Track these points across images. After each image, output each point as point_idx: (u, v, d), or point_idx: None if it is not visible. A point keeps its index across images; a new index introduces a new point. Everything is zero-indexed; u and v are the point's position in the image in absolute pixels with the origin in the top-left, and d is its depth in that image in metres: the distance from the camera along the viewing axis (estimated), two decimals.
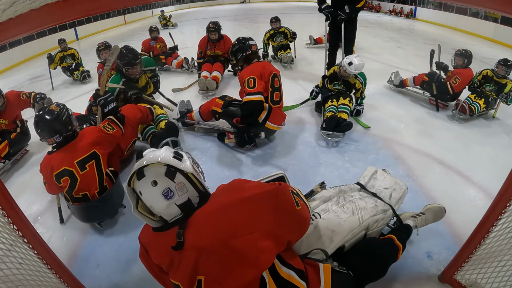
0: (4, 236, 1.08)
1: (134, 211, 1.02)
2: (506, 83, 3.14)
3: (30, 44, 8.05)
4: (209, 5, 19.61)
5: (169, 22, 10.86)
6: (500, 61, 3.20)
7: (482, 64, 5.19)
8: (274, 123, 2.52)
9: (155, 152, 1.03)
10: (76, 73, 5.03)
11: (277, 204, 1.01)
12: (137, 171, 0.99)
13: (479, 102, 3.17)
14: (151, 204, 0.99)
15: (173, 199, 0.97)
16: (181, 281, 0.98)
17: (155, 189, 0.97)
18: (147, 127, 2.70)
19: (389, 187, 1.71)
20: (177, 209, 0.99)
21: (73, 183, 1.81)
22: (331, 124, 2.75)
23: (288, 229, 1.04)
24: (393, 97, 3.83)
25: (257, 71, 2.46)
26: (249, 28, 9.57)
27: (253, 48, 2.59)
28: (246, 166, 2.51)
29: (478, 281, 1.36)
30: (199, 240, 0.95)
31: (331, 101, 3.04)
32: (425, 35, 7.95)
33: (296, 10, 13.87)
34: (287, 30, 5.15)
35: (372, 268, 1.27)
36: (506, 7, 0.89)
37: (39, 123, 1.79)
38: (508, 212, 1.17)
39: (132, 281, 1.63)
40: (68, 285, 1.36)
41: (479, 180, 2.29)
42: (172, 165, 0.98)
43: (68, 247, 1.87)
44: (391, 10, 12.28)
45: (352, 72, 2.91)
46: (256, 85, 2.40)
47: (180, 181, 0.98)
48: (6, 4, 0.69)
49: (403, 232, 1.51)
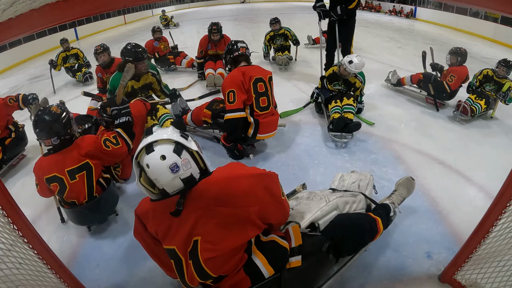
0: (4, 236, 1.08)
1: (137, 183, 1.11)
2: (506, 83, 3.14)
3: (30, 44, 8.05)
4: (209, 5, 19.61)
5: (170, 22, 10.83)
6: (500, 62, 3.20)
7: (482, 64, 5.19)
8: (265, 133, 2.48)
9: (164, 130, 1.12)
10: (78, 74, 4.97)
11: (267, 186, 1.15)
12: (146, 145, 1.06)
13: (480, 103, 3.15)
14: (157, 177, 1.06)
15: (178, 173, 1.05)
16: (177, 244, 1.08)
17: (163, 163, 1.04)
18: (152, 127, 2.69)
19: (356, 180, 1.82)
20: (181, 183, 1.07)
21: (62, 190, 1.80)
22: (340, 125, 2.72)
23: (272, 213, 1.16)
24: (393, 97, 3.83)
25: (237, 80, 2.37)
26: (249, 28, 9.56)
27: (242, 51, 2.51)
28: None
29: (478, 281, 1.36)
30: (200, 204, 1.05)
31: (334, 102, 2.99)
32: (425, 35, 7.95)
33: (296, 10, 13.86)
34: (288, 31, 5.05)
35: (346, 234, 1.34)
36: (506, 7, 0.89)
37: (38, 123, 1.78)
38: (508, 212, 1.17)
39: (132, 281, 1.63)
40: (68, 285, 1.36)
41: (479, 180, 2.29)
42: (180, 143, 1.08)
43: (68, 247, 1.87)
44: (391, 10, 12.26)
45: (352, 71, 2.89)
46: (235, 99, 2.34)
47: (185, 158, 1.07)
48: (6, 4, 0.69)
49: (380, 209, 1.59)
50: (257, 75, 2.43)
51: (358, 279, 1.57)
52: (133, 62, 2.66)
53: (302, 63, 5.27)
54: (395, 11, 12.03)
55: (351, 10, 3.51)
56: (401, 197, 1.78)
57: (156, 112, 2.87)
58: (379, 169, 2.41)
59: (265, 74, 2.50)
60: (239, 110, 2.36)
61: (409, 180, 1.86)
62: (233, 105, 2.35)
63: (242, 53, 2.51)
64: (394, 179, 2.29)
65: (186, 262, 1.09)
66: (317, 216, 1.41)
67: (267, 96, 2.47)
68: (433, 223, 1.91)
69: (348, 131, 2.73)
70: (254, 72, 2.44)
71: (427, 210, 2.01)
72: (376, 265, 1.64)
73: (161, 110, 2.88)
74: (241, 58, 2.52)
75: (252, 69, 2.48)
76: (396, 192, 1.82)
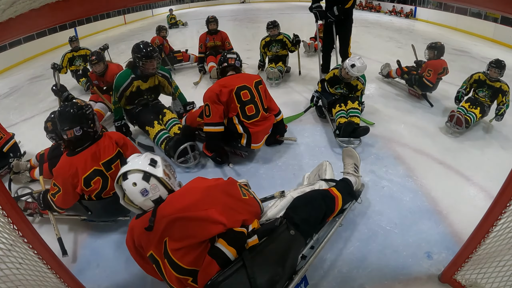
0: (4, 236, 1.08)
1: (122, 202, 1.41)
2: (501, 86, 2.90)
3: (30, 44, 8.05)
4: (209, 5, 19.61)
5: (178, 21, 10.75)
6: (491, 63, 2.91)
7: (482, 64, 5.18)
8: (258, 142, 2.42)
9: (137, 159, 1.38)
10: (82, 80, 4.33)
11: (224, 190, 1.37)
12: (122, 174, 1.34)
13: (475, 112, 2.91)
14: (132, 199, 1.34)
15: (148, 196, 1.31)
16: (153, 249, 1.25)
17: (135, 188, 1.30)
18: (159, 132, 2.61)
19: (316, 172, 1.99)
20: (151, 203, 1.33)
21: (105, 183, 1.80)
22: (348, 130, 2.65)
23: (238, 212, 1.34)
24: (393, 97, 3.83)
25: (213, 94, 2.31)
26: (249, 28, 9.57)
27: (230, 61, 2.50)
28: (246, 166, 2.51)
29: (478, 281, 1.36)
30: (167, 212, 1.25)
31: (339, 106, 2.92)
32: (425, 35, 7.95)
33: (297, 10, 13.86)
34: (286, 38, 4.28)
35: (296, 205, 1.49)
36: (506, 7, 0.89)
37: (62, 113, 1.77)
38: (508, 212, 1.17)
39: (132, 281, 1.63)
40: (68, 285, 1.36)
41: (479, 180, 2.29)
42: (147, 172, 1.32)
43: (68, 247, 1.87)
44: (391, 10, 12.27)
45: (354, 74, 2.82)
46: (211, 113, 2.32)
47: (153, 183, 1.32)
48: (6, 4, 0.69)
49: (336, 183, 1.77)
50: (239, 84, 2.36)
51: (358, 279, 1.58)
52: (141, 59, 2.56)
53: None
54: (395, 11, 12.03)
55: (348, 9, 3.47)
56: (351, 165, 1.93)
57: (163, 116, 2.79)
58: (379, 169, 2.41)
59: (250, 80, 2.42)
60: (216, 124, 2.35)
61: (346, 150, 2.03)
62: (209, 118, 2.34)
63: (230, 64, 2.51)
64: (394, 179, 2.30)
65: (163, 262, 1.24)
66: (273, 212, 1.55)
67: (254, 103, 2.39)
68: (433, 223, 1.91)
69: (356, 136, 2.67)
70: (236, 81, 2.37)
71: (427, 210, 2.01)
72: (376, 265, 1.64)
73: (168, 114, 2.80)
74: (228, 69, 2.51)
75: (236, 78, 2.43)
76: (344, 166, 1.97)
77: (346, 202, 1.67)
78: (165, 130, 2.65)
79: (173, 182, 1.39)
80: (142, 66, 2.60)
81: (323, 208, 1.51)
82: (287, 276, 1.27)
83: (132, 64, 2.67)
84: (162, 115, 2.80)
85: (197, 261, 1.22)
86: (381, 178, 2.31)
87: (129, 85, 2.66)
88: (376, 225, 1.89)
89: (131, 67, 2.68)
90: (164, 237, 1.23)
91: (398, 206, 2.04)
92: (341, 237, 1.80)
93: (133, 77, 2.66)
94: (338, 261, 1.67)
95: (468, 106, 3.00)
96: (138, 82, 2.69)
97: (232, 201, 1.35)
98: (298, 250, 1.37)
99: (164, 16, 11.70)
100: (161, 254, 1.24)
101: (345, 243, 1.77)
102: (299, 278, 1.31)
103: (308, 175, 2.09)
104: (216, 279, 1.15)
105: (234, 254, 1.23)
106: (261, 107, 2.43)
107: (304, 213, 1.44)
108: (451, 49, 6.39)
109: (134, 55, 2.60)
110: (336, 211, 1.58)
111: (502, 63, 2.89)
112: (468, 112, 2.92)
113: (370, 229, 1.86)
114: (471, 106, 3.00)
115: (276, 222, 1.36)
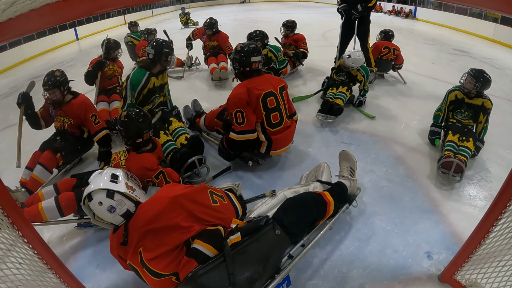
0: (4, 236, 1.08)
1: (93, 221, 1.41)
2: (483, 103, 2.37)
3: (30, 44, 8.05)
4: (209, 5, 19.61)
5: (190, 20, 10.66)
6: (470, 73, 2.34)
7: (482, 64, 5.19)
8: (278, 148, 2.33)
9: (98, 178, 1.39)
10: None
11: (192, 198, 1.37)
12: (87, 195, 1.34)
13: (468, 146, 2.29)
14: (102, 217, 1.36)
15: (116, 212, 1.33)
16: (130, 259, 1.30)
17: (102, 207, 1.33)
18: (165, 144, 2.40)
19: (314, 173, 2.00)
20: (121, 218, 1.35)
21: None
22: (325, 107, 3.09)
23: (211, 217, 1.37)
24: (393, 97, 3.83)
25: (243, 101, 2.13)
26: (249, 28, 9.50)
27: (254, 66, 2.22)
28: (246, 167, 2.51)
29: (478, 281, 1.36)
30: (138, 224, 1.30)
31: (331, 89, 3.35)
32: (425, 35, 7.95)
33: (297, 10, 13.87)
34: (272, 54, 3.78)
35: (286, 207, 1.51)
36: (506, 7, 0.89)
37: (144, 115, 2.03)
38: (508, 212, 1.17)
39: (132, 281, 1.63)
40: (68, 285, 1.36)
41: (479, 180, 2.29)
42: (110, 189, 1.34)
43: (68, 247, 1.87)
44: (391, 10, 12.27)
45: (349, 64, 3.27)
46: (244, 120, 2.15)
47: (118, 198, 1.34)
48: (6, 4, 0.69)
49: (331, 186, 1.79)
50: (266, 89, 2.18)
51: (358, 279, 1.58)
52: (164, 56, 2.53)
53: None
54: (395, 11, 12.03)
55: (371, 7, 3.86)
56: (346, 169, 1.91)
57: (169, 125, 2.63)
58: (379, 169, 2.41)
59: (275, 85, 2.25)
60: (249, 132, 2.20)
61: (342, 153, 2.00)
62: (243, 126, 2.17)
63: (254, 69, 2.24)
64: (394, 179, 2.30)
65: (141, 270, 1.27)
66: (263, 209, 1.59)
67: (279, 110, 2.24)
68: (433, 223, 1.91)
69: (332, 114, 3.07)
70: (262, 86, 2.19)
71: (427, 210, 2.01)
72: (376, 265, 1.64)
73: (174, 123, 2.64)
74: (252, 74, 2.25)
75: (262, 82, 2.22)
76: (340, 169, 1.95)
77: (338, 208, 1.69)
78: (171, 141, 2.45)
79: (138, 193, 1.42)
80: (164, 61, 2.58)
81: (313, 212, 1.53)
82: (268, 275, 1.29)
83: (148, 62, 2.58)
84: (168, 124, 2.64)
85: (174, 265, 1.25)
86: (381, 178, 2.31)
87: (147, 82, 2.55)
88: (376, 225, 1.89)
89: (146, 65, 2.58)
90: (138, 248, 1.27)
91: (398, 206, 2.04)
92: (341, 237, 1.80)
93: (149, 73, 2.56)
94: (338, 261, 1.67)
95: (457, 139, 2.38)
96: (153, 79, 2.60)
97: (199, 208, 1.36)
98: (282, 250, 1.38)
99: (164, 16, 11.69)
100: (138, 263, 1.27)
101: (345, 243, 1.77)
102: (281, 277, 1.32)
103: (306, 175, 2.10)
104: (197, 271, 1.20)
105: (212, 251, 1.26)
106: (285, 114, 2.30)
107: (294, 216, 1.46)
108: (451, 49, 6.39)
109: (157, 51, 2.51)
110: (326, 217, 1.61)
111: (484, 76, 2.32)
112: (461, 150, 2.28)
113: (370, 229, 1.86)
114: (461, 139, 2.38)
115: (262, 221, 1.37)
